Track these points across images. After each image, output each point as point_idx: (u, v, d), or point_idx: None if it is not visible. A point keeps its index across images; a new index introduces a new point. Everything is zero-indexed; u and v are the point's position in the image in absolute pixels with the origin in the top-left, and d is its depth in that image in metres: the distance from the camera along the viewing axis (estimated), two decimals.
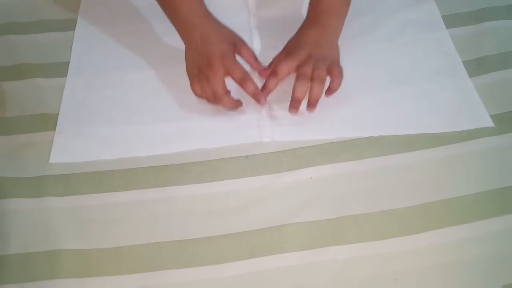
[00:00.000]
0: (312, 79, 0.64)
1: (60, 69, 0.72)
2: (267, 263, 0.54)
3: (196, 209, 0.59)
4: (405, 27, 0.75)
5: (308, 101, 0.64)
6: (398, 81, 0.69)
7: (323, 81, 0.64)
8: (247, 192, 0.60)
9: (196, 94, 0.66)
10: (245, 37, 0.73)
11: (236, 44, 0.67)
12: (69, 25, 0.77)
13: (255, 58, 0.68)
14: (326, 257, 0.55)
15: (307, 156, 0.62)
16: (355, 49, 0.72)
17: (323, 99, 0.65)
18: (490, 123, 0.65)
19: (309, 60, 0.65)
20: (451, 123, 0.65)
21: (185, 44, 0.67)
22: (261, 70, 0.68)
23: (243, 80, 0.64)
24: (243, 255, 0.55)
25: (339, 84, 0.65)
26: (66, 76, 0.71)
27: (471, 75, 0.70)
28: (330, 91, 0.65)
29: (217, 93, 0.64)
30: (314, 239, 0.56)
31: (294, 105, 0.64)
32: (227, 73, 0.64)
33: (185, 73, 0.68)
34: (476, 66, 0.71)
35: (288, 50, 0.67)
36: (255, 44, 0.74)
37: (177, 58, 0.71)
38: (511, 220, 0.57)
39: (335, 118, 0.65)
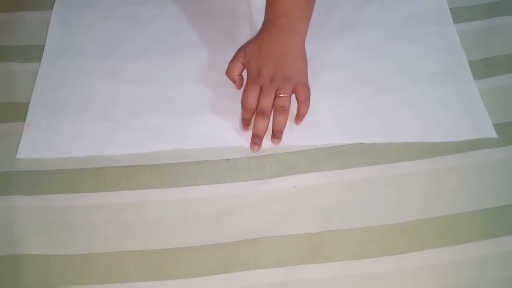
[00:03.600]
0: (274, 109, 0.60)
1: (35, 53, 0.67)
2: (240, 279, 0.51)
3: (169, 216, 0.55)
4: (408, 20, 0.69)
5: (272, 132, 0.60)
6: (395, 82, 0.64)
7: (287, 110, 0.60)
8: (225, 199, 0.56)
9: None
10: (235, 25, 0.68)
11: None
12: (47, 3, 0.72)
13: None
14: (303, 276, 0.51)
15: (292, 162, 0.58)
16: (349, 45, 0.67)
17: (313, 100, 0.60)
18: (493, 134, 0.60)
19: (270, 85, 0.60)
20: (450, 132, 0.60)
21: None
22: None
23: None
24: (216, 269, 0.52)
25: (307, 108, 0.61)
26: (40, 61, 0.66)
27: (476, 77, 0.64)
28: (298, 118, 0.61)
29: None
30: (292, 255, 0.52)
31: (254, 141, 0.59)
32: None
33: (169, 66, 0.65)
34: (484, 68, 0.65)
35: (249, 69, 0.62)
36: (245, 32, 0.69)
37: (160, 49, 0.67)
38: (506, 243, 0.53)
39: (324, 123, 0.61)
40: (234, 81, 0.64)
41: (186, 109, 0.62)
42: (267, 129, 0.60)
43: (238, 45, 0.66)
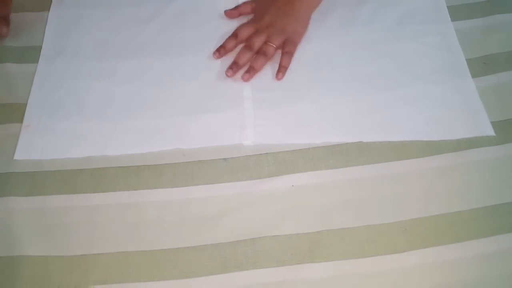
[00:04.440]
0: (258, 51, 0.64)
1: (32, 54, 0.67)
2: (238, 279, 0.51)
3: (167, 216, 0.55)
4: (406, 18, 0.69)
5: (247, 69, 0.64)
6: (393, 80, 0.64)
7: (267, 56, 0.65)
8: (223, 199, 0.56)
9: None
10: (230, 23, 0.69)
11: None
12: (44, 5, 0.72)
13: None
14: (302, 275, 0.51)
15: (290, 161, 0.58)
16: (347, 43, 0.67)
17: (307, 99, 0.61)
18: (490, 132, 0.59)
19: (266, 30, 0.65)
20: (447, 131, 0.60)
21: None
22: (228, 11, 0.70)
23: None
24: (214, 269, 0.51)
25: (288, 62, 0.64)
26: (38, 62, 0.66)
27: (474, 75, 0.64)
28: (279, 69, 0.64)
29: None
30: (291, 255, 0.52)
31: (231, 67, 0.64)
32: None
33: (166, 66, 0.65)
34: (481, 65, 0.65)
35: (255, 11, 0.68)
36: None
37: (157, 49, 0.67)
38: (507, 241, 0.53)
39: (322, 121, 0.61)
40: (232, 16, 0.69)
41: (184, 109, 0.62)
42: (246, 63, 0.64)
43: None
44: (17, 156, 0.59)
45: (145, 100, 0.63)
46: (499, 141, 0.59)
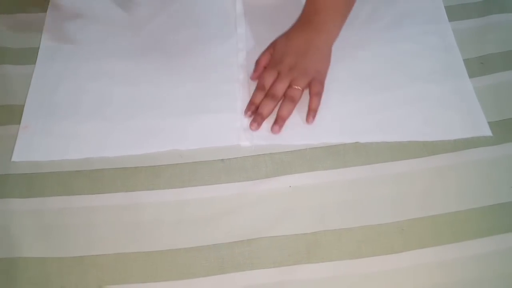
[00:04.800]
0: (284, 96, 0.60)
1: (30, 55, 0.67)
2: (236, 280, 0.51)
3: (164, 217, 0.55)
4: (403, 19, 0.69)
5: (275, 119, 0.60)
6: (391, 81, 0.64)
7: (294, 101, 0.61)
8: (220, 200, 0.56)
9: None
10: (229, 24, 0.68)
11: None
12: (41, 7, 0.72)
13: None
14: (300, 276, 0.51)
15: (287, 162, 0.58)
16: (345, 44, 0.66)
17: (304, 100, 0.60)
18: (488, 132, 0.59)
19: (289, 73, 0.61)
20: (445, 131, 0.60)
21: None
22: (251, 75, 0.64)
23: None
24: (212, 270, 0.52)
25: (317, 104, 0.60)
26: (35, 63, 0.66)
27: (472, 75, 0.64)
28: (309, 113, 0.60)
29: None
30: (288, 256, 0.52)
31: (256, 119, 0.60)
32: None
33: (163, 67, 0.65)
34: (479, 65, 0.65)
35: (274, 55, 0.63)
36: (239, 31, 0.69)
37: (155, 50, 0.67)
38: (504, 241, 0.53)
39: (319, 122, 0.61)
40: (257, 71, 0.64)
41: (181, 110, 0.62)
42: (271, 113, 0.60)
43: (232, 45, 0.66)
44: (15, 157, 0.59)
45: (143, 101, 0.63)
46: (496, 141, 0.59)
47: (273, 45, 0.65)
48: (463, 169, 0.57)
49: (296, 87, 0.60)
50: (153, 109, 0.62)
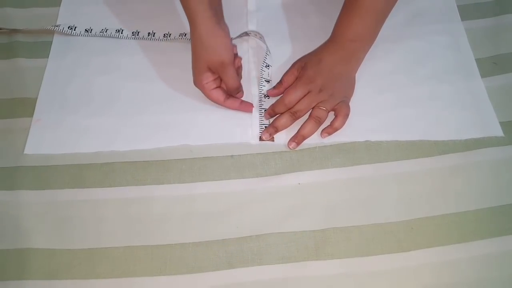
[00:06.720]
0: (310, 115, 0.60)
1: (43, 49, 0.68)
2: (244, 275, 0.51)
3: (174, 212, 0.55)
4: (415, 17, 0.69)
5: (295, 135, 0.59)
6: (402, 80, 0.64)
7: (320, 122, 0.60)
8: (229, 196, 0.56)
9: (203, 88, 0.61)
10: (240, 23, 0.68)
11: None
12: (55, 1, 0.72)
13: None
14: (307, 272, 0.51)
15: (296, 159, 0.58)
16: None
17: None
18: (499, 132, 0.59)
19: (319, 93, 0.60)
20: (456, 131, 0.59)
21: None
22: (270, 91, 0.63)
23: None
24: (220, 265, 0.52)
25: (341, 125, 0.60)
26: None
27: (484, 75, 0.64)
28: (328, 130, 0.59)
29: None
30: (296, 252, 0.52)
31: (269, 131, 0.60)
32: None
33: (175, 62, 0.65)
34: (491, 65, 0.65)
35: (304, 73, 0.61)
36: (250, 28, 0.69)
37: (167, 45, 0.67)
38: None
39: (330, 121, 0.60)
40: (278, 88, 0.62)
41: (192, 105, 0.62)
42: (286, 128, 0.60)
43: (239, 41, 0.67)
44: (27, 150, 0.59)
45: (154, 96, 0.63)
46: (508, 142, 0.59)
47: (300, 63, 0.63)
48: (473, 169, 0.57)
49: (323, 108, 0.59)
50: (164, 104, 0.62)
